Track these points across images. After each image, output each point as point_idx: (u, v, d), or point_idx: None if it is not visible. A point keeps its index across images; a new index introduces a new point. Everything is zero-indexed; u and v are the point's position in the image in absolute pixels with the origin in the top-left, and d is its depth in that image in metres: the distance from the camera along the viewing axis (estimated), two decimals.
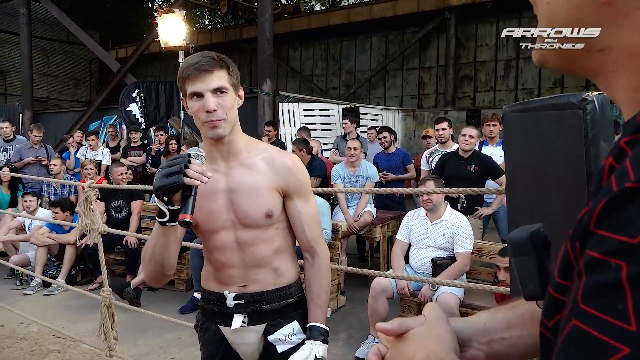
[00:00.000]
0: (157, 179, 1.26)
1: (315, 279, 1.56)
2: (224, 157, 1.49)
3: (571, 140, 1.12)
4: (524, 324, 0.75)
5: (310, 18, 15.14)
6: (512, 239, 0.62)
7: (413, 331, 0.68)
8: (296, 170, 1.52)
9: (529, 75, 12.17)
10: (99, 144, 7.65)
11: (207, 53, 1.44)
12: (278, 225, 1.52)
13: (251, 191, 1.47)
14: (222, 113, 1.40)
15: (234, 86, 1.44)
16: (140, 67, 16.47)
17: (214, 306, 1.55)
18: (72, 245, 5.30)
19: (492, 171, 4.38)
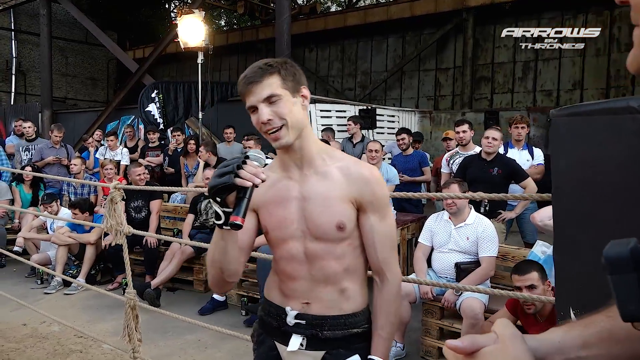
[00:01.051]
0: (211, 179, 1.22)
1: (382, 307, 1.44)
2: (298, 165, 1.43)
3: (630, 146, 1.07)
4: (601, 342, 0.71)
5: (327, 19, 15.11)
6: (609, 255, 0.58)
7: (486, 349, 0.66)
8: (374, 182, 1.42)
9: (547, 77, 12.00)
10: (117, 144, 7.69)
11: (256, 64, 1.39)
12: (350, 242, 1.42)
13: (323, 200, 1.39)
14: (279, 120, 1.35)
15: (290, 89, 1.37)
16: (157, 68, 16.57)
17: (273, 320, 1.48)
18: (93, 245, 5.33)
19: (515, 174, 4.30)
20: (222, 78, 16.06)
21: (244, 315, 4.48)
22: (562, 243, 1.35)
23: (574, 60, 11.59)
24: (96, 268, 5.54)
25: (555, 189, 1.35)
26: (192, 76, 16.10)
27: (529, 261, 3.03)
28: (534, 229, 4.82)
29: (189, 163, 6.72)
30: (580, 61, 11.48)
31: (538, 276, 2.76)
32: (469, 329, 3.27)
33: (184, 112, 8.63)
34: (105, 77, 19.70)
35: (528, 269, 2.79)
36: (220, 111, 10.12)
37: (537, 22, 11.96)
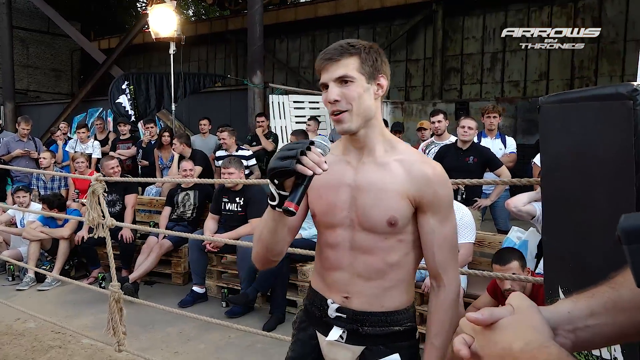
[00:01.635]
0: (273, 160, 1.18)
1: (437, 314, 1.37)
2: (358, 151, 1.39)
3: (619, 132, 1.13)
4: (607, 312, 0.75)
5: (297, 9, 15.04)
6: (625, 226, 0.62)
7: (504, 320, 0.69)
8: (437, 182, 1.34)
9: (514, 68, 12.27)
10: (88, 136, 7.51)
11: (342, 41, 1.34)
12: (401, 237, 1.36)
13: (377, 192, 1.34)
14: (346, 104, 1.30)
15: (367, 74, 1.32)
16: (125, 59, 16.15)
17: (316, 309, 1.46)
18: (66, 239, 5.22)
19: (490, 162, 4.42)
20: (192, 69, 15.81)
21: (225, 307, 4.47)
22: (551, 224, 1.41)
23: (539, 51, 11.89)
24: (70, 263, 5.43)
25: (545, 172, 1.41)
26: (161, 67, 15.79)
27: (509, 249, 3.12)
28: (507, 216, 4.97)
29: (163, 155, 6.63)
30: (546, 53, 11.78)
31: (519, 264, 2.84)
32: None
33: (156, 104, 8.49)
34: (69, 69, 19.10)
35: (509, 258, 2.86)
36: (192, 103, 9.99)
37: (504, 14, 12.20)
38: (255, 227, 1.39)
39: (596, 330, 0.75)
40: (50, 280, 5.06)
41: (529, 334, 0.66)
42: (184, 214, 5.16)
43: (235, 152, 5.98)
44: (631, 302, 0.75)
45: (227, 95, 10.48)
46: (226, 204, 4.65)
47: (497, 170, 4.37)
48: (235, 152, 6.01)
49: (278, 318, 4.09)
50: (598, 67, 11.12)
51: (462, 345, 0.71)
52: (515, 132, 9.77)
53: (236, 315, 4.23)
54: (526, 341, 0.65)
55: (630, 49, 10.50)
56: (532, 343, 0.64)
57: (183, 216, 5.16)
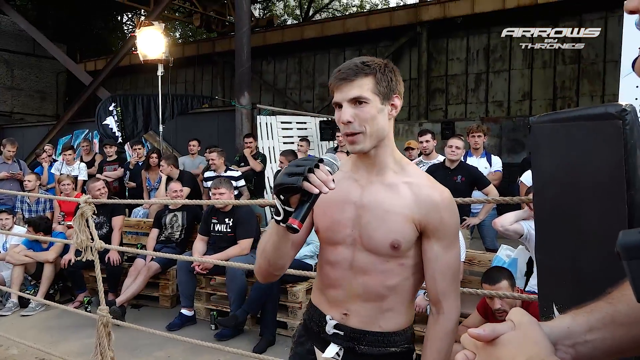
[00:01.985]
0: (280, 175, 1.18)
1: (434, 341, 1.37)
2: (368, 169, 1.37)
3: (609, 150, 1.16)
4: (605, 327, 0.76)
5: (284, 32, 15.21)
6: (624, 243, 0.64)
7: (505, 336, 0.69)
8: (443, 208, 1.33)
9: (498, 89, 12.50)
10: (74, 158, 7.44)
11: (355, 59, 1.32)
12: (403, 262, 1.35)
13: (383, 214, 1.32)
14: (359, 126, 1.29)
15: (381, 95, 1.30)
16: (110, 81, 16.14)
17: (314, 325, 1.46)
18: (51, 263, 5.12)
19: (478, 181, 4.46)
20: (178, 90, 15.84)
21: (214, 330, 4.41)
22: (544, 242, 1.43)
23: (522, 72, 12.14)
24: (54, 287, 5.32)
25: (537, 191, 1.43)
26: (147, 89, 15.79)
27: (498, 268, 3.12)
28: (494, 235, 5.01)
29: (150, 177, 6.59)
30: (529, 73, 12.03)
31: (508, 284, 2.84)
32: None
33: (144, 126, 8.47)
34: (54, 91, 19.00)
35: (498, 277, 2.86)
36: (179, 124, 9.98)
37: (487, 36, 12.47)
38: (260, 240, 1.39)
39: (595, 345, 0.76)
40: (34, 305, 4.95)
41: (530, 349, 0.67)
42: (172, 236, 5.11)
43: (224, 173, 5.97)
44: (629, 317, 0.76)
45: (215, 116, 10.49)
46: (215, 225, 4.62)
47: (485, 189, 4.41)
48: (224, 172, 6.00)
49: (268, 340, 4.04)
50: (579, 87, 11.38)
51: None
52: (501, 151, 9.91)
53: (225, 338, 4.17)
54: (528, 356, 0.66)
55: (610, 69, 10.77)
56: (534, 358, 0.65)
57: (171, 238, 5.11)
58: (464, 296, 3.67)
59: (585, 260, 1.27)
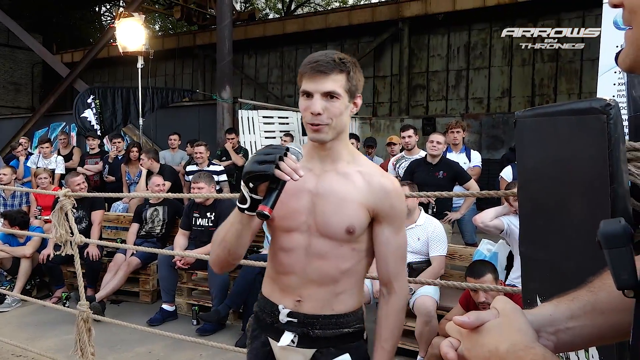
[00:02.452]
0: (249, 164, 1.21)
1: (387, 319, 1.45)
2: (322, 159, 1.42)
3: (593, 144, 1.18)
4: (586, 315, 0.79)
5: (266, 26, 15.12)
6: (605, 232, 0.65)
7: (490, 323, 0.71)
8: (394, 195, 1.42)
9: (478, 86, 12.63)
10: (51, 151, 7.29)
11: (330, 53, 1.36)
12: (355, 246, 1.41)
13: (338, 201, 1.38)
14: (327, 118, 1.33)
15: (349, 92, 1.36)
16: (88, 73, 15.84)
17: (267, 316, 1.48)
18: (28, 258, 5.02)
19: (459, 177, 4.51)
20: (159, 83, 15.60)
21: (195, 325, 4.38)
22: (529, 235, 1.45)
23: (502, 69, 12.29)
24: (31, 283, 5.22)
25: (522, 185, 1.45)
26: (126, 82, 15.54)
27: (482, 262, 3.17)
28: (473, 230, 5.07)
29: (130, 171, 6.50)
30: (508, 70, 12.19)
31: (492, 277, 2.88)
32: (423, 327, 3.39)
33: (123, 119, 8.34)
34: (29, 82, 18.58)
35: (483, 271, 2.90)
36: (160, 118, 9.85)
37: (467, 33, 12.58)
38: (217, 231, 1.40)
39: (576, 332, 0.78)
40: (10, 301, 4.85)
41: (514, 336, 0.68)
42: (153, 230, 5.06)
43: (207, 167, 5.91)
44: (609, 305, 0.78)
45: (196, 110, 10.39)
46: (197, 219, 4.59)
47: (466, 184, 4.46)
48: (207, 167, 5.94)
49: None
50: (557, 85, 11.57)
51: (449, 349, 0.73)
52: (480, 147, 10.02)
53: (207, 333, 4.15)
54: (512, 342, 0.67)
55: (587, 67, 10.97)
56: (518, 344, 0.66)
57: (152, 232, 5.05)
58: (447, 290, 3.72)
59: (569, 252, 1.29)
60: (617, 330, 0.78)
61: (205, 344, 2.67)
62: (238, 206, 1.26)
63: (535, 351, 0.65)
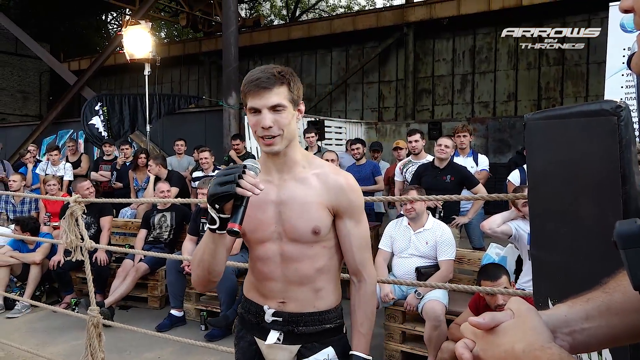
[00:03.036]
0: (211, 186, 1.28)
1: (360, 305, 1.55)
2: (279, 169, 1.50)
3: (604, 146, 1.18)
4: (601, 315, 0.78)
5: (271, 32, 15.20)
6: (621, 232, 0.65)
7: (505, 324, 0.71)
8: (349, 190, 1.50)
9: (484, 89, 12.63)
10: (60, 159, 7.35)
11: (268, 68, 1.43)
12: (325, 244, 1.50)
13: (301, 206, 1.47)
14: (278, 129, 1.41)
15: (293, 102, 1.44)
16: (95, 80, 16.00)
17: (252, 317, 1.56)
18: (38, 264, 5.05)
19: (467, 181, 4.50)
20: (165, 90, 15.74)
21: (204, 330, 4.38)
22: (540, 238, 1.45)
23: (507, 73, 12.28)
24: (40, 289, 5.25)
25: (532, 187, 1.45)
26: (132, 89, 15.65)
27: (495, 265, 3.16)
28: (480, 235, 5.06)
29: (138, 177, 6.53)
30: (514, 74, 12.18)
31: (507, 279, 2.88)
32: (432, 331, 3.37)
33: (130, 125, 8.39)
34: (37, 90, 18.76)
35: (498, 274, 2.89)
36: (166, 124, 9.91)
37: (472, 37, 12.59)
38: (194, 253, 1.47)
39: (591, 332, 0.78)
40: (20, 307, 4.88)
41: (530, 336, 0.68)
42: (161, 236, 5.08)
43: (213, 173, 5.94)
44: (624, 305, 0.78)
45: (202, 116, 10.44)
46: (204, 225, 4.59)
47: (474, 189, 4.45)
48: (213, 172, 5.97)
49: None
50: (563, 88, 11.54)
51: (464, 350, 0.73)
52: (487, 151, 10.00)
53: (216, 339, 4.15)
54: (528, 343, 0.67)
55: (593, 71, 10.94)
56: (534, 344, 0.66)
57: (160, 238, 5.07)
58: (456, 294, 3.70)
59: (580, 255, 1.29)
60: (633, 332, 0.78)
61: (215, 348, 2.67)
62: (209, 227, 1.33)
63: (552, 351, 0.65)
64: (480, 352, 0.71)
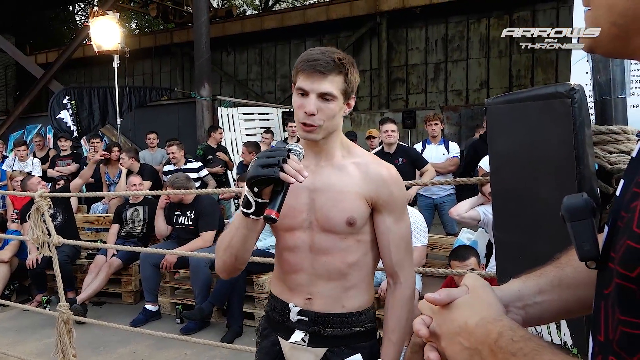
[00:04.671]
0: (253, 168, 1.19)
1: (394, 310, 1.42)
2: (316, 155, 1.41)
3: (560, 128, 1.20)
4: (553, 289, 0.81)
5: (244, 22, 15.01)
6: (568, 205, 0.67)
7: (459, 300, 0.72)
8: (392, 183, 1.40)
9: (457, 78, 12.73)
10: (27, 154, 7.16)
11: (330, 52, 1.33)
12: (359, 238, 1.40)
13: (336, 194, 1.38)
14: (320, 120, 1.32)
15: (345, 94, 1.35)
16: (63, 74, 15.57)
17: (277, 315, 1.47)
18: (7, 263, 4.93)
19: (417, 162, 4.62)
20: (136, 83, 15.42)
21: (179, 324, 4.36)
22: (502, 220, 1.48)
23: (479, 61, 12.41)
24: (10, 288, 5.13)
25: (494, 170, 1.48)
26: (102, 82, 15.31)
27: (465, 247, 3.22)
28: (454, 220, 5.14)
29: (110, 171, 6.41)
30: (485, 62, 12.31)
31: (476, 261, 2.95)
32: None
33: (100, 119, 8.22)
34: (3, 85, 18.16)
35: (467, 255, 2.97)
36: (138, 117, 9.74)
37: (444, 26, 12.67)
38: (221, 237, 1.40)
39: (544, 306, 0.81)
40: None
41: (483, 310, 0.69)
42: (134, 230, 5.01)
43: (184, 166, 5.87)
44: (575, 279, 0.81)
45: (175, 108, 10.30)
46: (178, 217, 4.56)
47: (423, 169, 4.60)
48: (184, 165, 5.90)
49: (235, 331, 4.02)
50: (534, 75, 11.72)
51: (422, 326, 0.74)
52: (460, 138, 10.11)
53: (192, 332, 4.13)
54: (481, 316, 0.68)
55: (562, 58, 11.14)
56: (486, 318, 0.68)
57: (132, 232, 5.00)
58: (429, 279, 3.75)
59: (539, 234, 1.32)
60: (584, 304, 0.80)
61: (189, 340, 2.66)
62: (243, 211, 1.25)
63: (502, 323, 0.66)
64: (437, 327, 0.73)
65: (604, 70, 1.31)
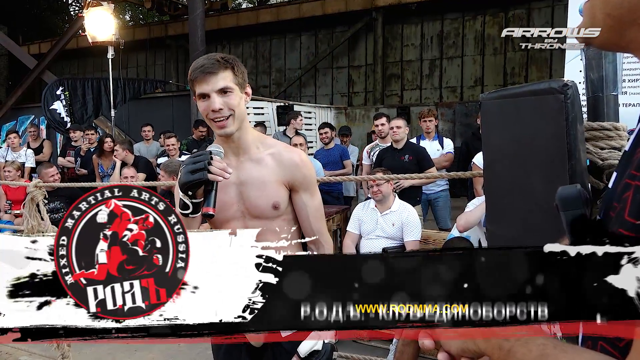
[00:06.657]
0: (183, 175, 1.36)
1: None
2: (234, 152, 1.60)
3: (553, 123, 1.23)
4: None
5: (239, 15, 14.96)
6: (562, 195, 0.69)
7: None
8: (302, 166, 1.62)
9: (452, 75, 12.77)
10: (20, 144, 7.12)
11: (212, 55, 1.52)
12: (285, 217, 1.63)
13: (260, 184, 1.58)
14: (228, 110, 1.49)
15: (239, 85, 1.52)
16: (57, 64, 15.46)
17: None
18: None
19: (422, 162, 4.62)
20: (130, 75, 15.35)
21: None
22: (495, 214, 1.51)
23: (474, 58, 12.45)
24: None
25: (488, 164, 1.50)
26: (96, 73, 15.21)
27: (460, 238, 3.25)
28: (447, 216, 5.19)
29: (104, 163, 6.38)
30: (480, 59, 12.35)
31: None
32: None
33: (94, 110, 8.17)
34: None
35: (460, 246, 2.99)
36: (131, 109, 9.70)
37: (440, 23, 12.69)
38: None
39: None
40: None
41: None
42: None
43: (178, 158, 5.87)
44: None
45: (169, 101, 10.27)
46: None
47: (427, 170, 4.59)
48: (178, 157, 5.90)
49: None
50: (528, 73, 11.78)
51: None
52: (454, 135, 10.16)
53: None
54: None
55: (556, 56, 11.20)
56: None
57: None
58: None
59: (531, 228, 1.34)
60: None
61: None
62: (182, 213, 1.39)
63: None
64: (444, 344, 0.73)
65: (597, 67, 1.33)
